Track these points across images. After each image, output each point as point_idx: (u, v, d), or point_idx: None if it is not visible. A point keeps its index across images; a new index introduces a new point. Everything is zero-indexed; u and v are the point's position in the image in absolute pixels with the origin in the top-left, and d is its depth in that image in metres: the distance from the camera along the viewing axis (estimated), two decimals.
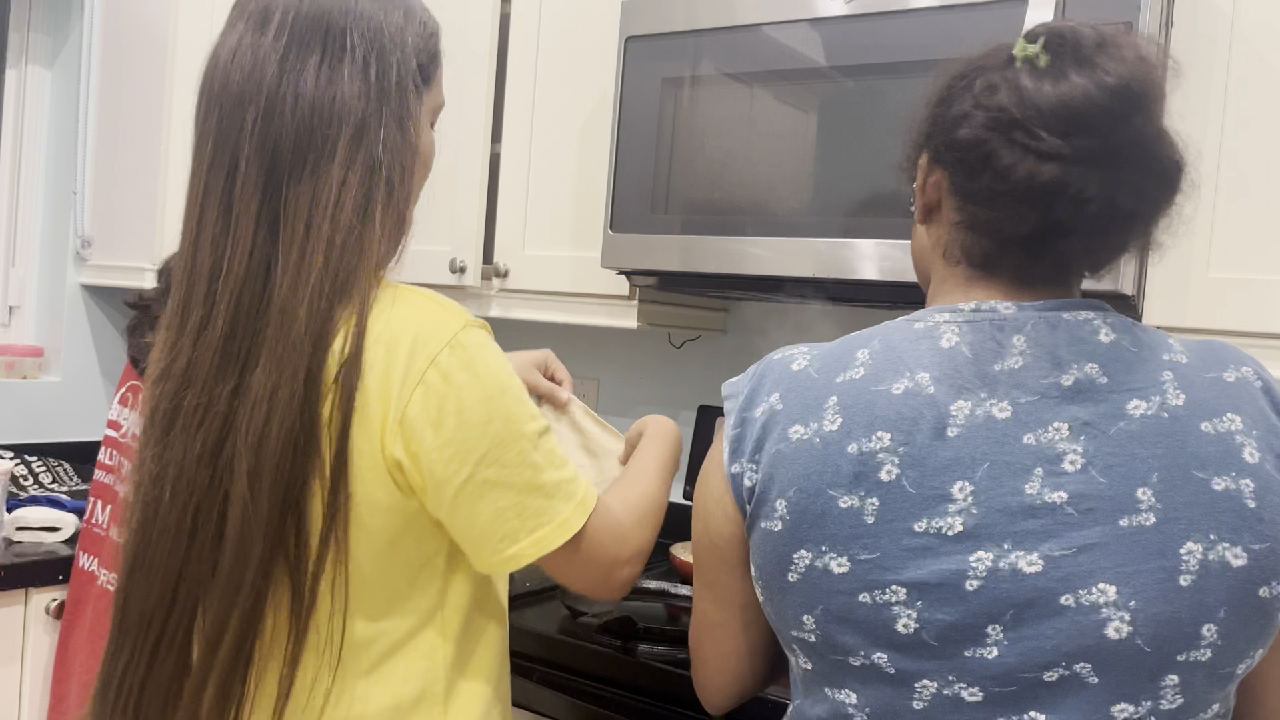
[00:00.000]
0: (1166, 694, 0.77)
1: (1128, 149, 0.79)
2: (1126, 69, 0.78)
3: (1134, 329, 0.83)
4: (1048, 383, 0.80)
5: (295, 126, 0.90)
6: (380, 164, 0.92)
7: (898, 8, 1.46)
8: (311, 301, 0.88)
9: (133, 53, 2.32)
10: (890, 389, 0.83)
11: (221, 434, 0.89)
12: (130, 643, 0.93)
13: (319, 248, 0.89)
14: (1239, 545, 0.76)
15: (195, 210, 0.93)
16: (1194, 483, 0.76)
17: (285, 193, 0.90)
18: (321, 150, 0.90)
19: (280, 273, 0.89)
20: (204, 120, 0.94)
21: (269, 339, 0.88)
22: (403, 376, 0.89)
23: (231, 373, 0.89)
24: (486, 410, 0.91)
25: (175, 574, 0.90)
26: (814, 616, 0.84)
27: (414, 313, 0.93)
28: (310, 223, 0.89)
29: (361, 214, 0.91)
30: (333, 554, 0.90)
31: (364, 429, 0.89)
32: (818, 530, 0.83)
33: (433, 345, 0.91)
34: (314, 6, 0.93)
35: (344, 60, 0.92)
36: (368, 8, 0.94)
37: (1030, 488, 0.78)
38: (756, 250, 1.57)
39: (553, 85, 1.95)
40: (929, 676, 0.80)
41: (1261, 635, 0.79)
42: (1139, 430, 0.78)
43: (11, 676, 1.81)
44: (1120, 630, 0.75)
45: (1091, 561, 0.76)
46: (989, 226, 0.85)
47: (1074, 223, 0.81)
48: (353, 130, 0.91)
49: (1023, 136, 0.79)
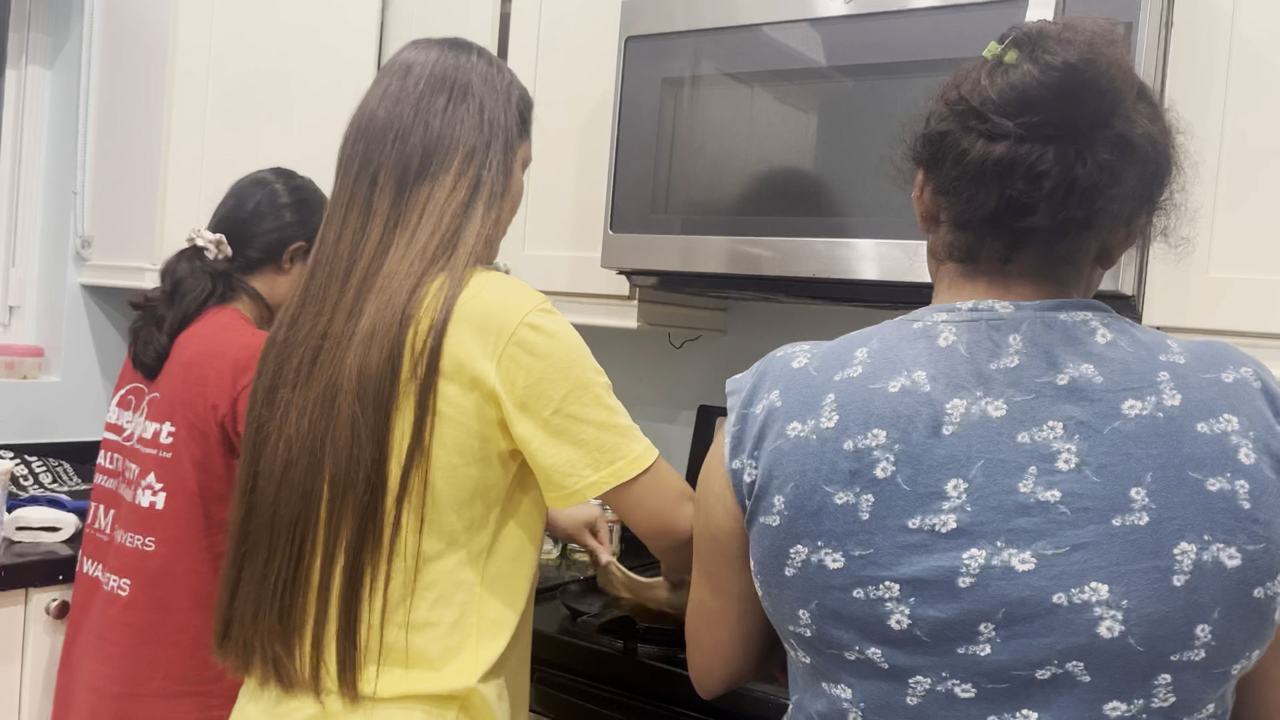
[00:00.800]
0: (1159, 693, 0.77)
1: (1079, 124, 0.81)
2: (1074, 51, 0.81)
3: (1132, 330, 0.84)
4: (1043, 382, 0.80)
5: (423, 147, 1.16)
6: (484, 181, 1.17)
7: (898, 8, 1.46)
8: (410, 269, 1.12)
9: (133, 53, 2.32)
10: (887, 387, 0.83)
11: (335, 372, 1.11)
12: (280, 549, 1.13)
13: (425, 230, 1.13)
14: (1233, 546, 0.76)
15: (339, 213, 1.18)
16: (1188, 483, 0.76)
17: (409, 195, 1.15)
18: (441, 164, 1.16)
19: (394, 251, 1.13)
20: (353, 146, 1.19)
21: (374, 297, 1.11)
22: (498, 331, 1.10)
23: (351, 327, 1.12)
24: (567, 359, 1.12)
25: (311, 488, 1.12)
26: (809, 611, 0.85)
27: (506, 285, 1.14)
28: (423, 214, 1.14)
29: (464, 213, 1.15)
30: (420, 461, 1.10)
31: (456, 368, 1.09)
32: (814, 526, 0.83)
33: (524, 308, 1.12)
34: (443, 63, 1.20)
35: (464, 101, 1.18)
36: (484, 68, 1.21)
37: (1024, 486, 0.78)
38: (756, 250, 1.57)
39: (553, 85, 1.95)
40: (922, 672, 0.81)
41: (1257, 636, 0.78)
42: (1134, 430, 0.78)
43: (11, 676, 1.81)
44: (1112, 629, 0.76)
45: (1084, 560, 0.76)
46: (961, 217, 0.87)
47: (1033, 198, 0.82)
48: (466, 152, 1.17)
49: (976, 122, 0.83)
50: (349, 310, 1.12)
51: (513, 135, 1.22)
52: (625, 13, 1.72)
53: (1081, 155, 0.81)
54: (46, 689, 1.84)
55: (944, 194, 0.88)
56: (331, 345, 1.12)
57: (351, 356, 1.10)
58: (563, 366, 1.12)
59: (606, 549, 1.52)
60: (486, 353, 1.09)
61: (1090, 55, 0.81)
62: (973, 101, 0.84)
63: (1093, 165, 0.81)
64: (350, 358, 1.10)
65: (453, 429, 1.10)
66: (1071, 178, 0.81)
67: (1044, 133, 0.81)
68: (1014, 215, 0.83)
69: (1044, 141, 0.81)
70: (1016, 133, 0.81)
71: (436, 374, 1.09)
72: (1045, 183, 0.81)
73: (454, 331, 1.09)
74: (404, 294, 1.10)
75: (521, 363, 1.10)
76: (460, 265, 1.13)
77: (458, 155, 1.16)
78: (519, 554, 1.18)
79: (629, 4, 1.72)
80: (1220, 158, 1.35)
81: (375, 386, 1.09)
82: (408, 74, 1.19)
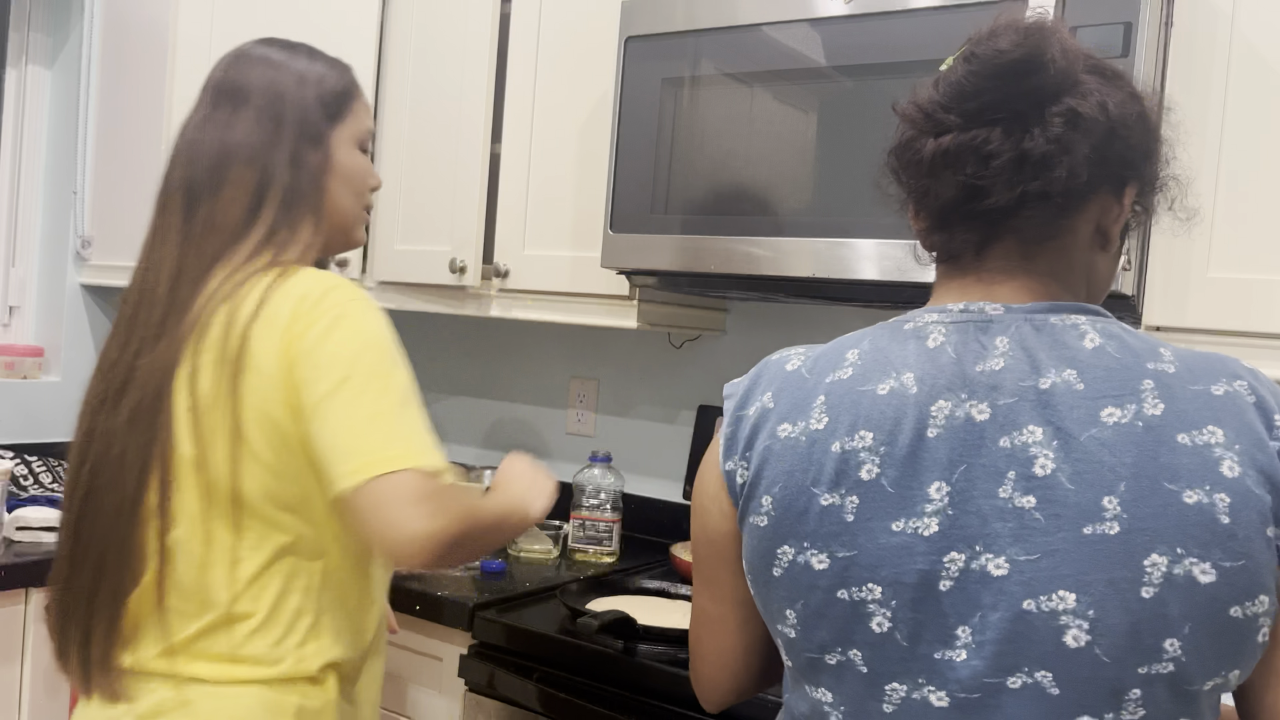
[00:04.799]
0: (1129, 707, 0.76)
1: (1019, 103, 0.83)
2: (1004, 40, 0.84)
3: (1124, 335, 0.83)
4: (1025, 385, 0.80)
5: (208, 162, 1.19)
6: (273, 179, 1.19)
7: (898, 8, 1.46)
8: (189, 282, 1.15)
9: (133, 52, 2.32)
10: (876, 389, 0.83)
11: (140, 396, 1.13)
12: (89, 560, 1.15)
13: (211, 245, 1.17)
14: (1208, 561, 0.74)
15: (149, 243, 1.21)
16: (1163, 494, 0.75)
17: (198, 211, 1.18)
18: (223, 176, 1.18)
19: (185, 273, 1.16)
20: (163, 175, 1.23)
21: (174, 318, 1.14)
22: (290, 317, 1.10)
23: (156, 348, 1.14)
24: (360, 344, 1.10)
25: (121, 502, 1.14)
26: (795, 611, 0.85)
27: (306, 278, 1.14)
28: (207, 229, 1.17)
29: (248, 218, 1.17)
30: (230, 464, 1.12)
31: (252, 360, 1.10)
32: (800, 526, 0.84)
33: (319, 294, 1.12)
34: (226, 77, 1.23)
35: (241, 107, 1.21)
36: (267, 73, 1.23)
37: (1003, 491, 0.78)
38: (756, 250, 1.57)
39: (553, 85, 1.95)
40: (899, 679, 0.81)
41: (1233, 655, 0.77)
42: (1110, 438, 0.77)
43: (12, 676, 1.81)
44: (1079, 639, 0.75)
45: (1053, 568, 0.75)
46: (930, 214, 0.89)
47: (985, 179, 0.83)
48: (246, 157, 1.19)
49: (926, 124, 0.86)
50: (155, 334, 1.14)
51: (312, 122, 1.22)
52: (625, 13, 1.72)
53: (1029, 131, 0.82)
54: (47, 688, 1.84)
55: (915, 200, 0.90)
56: (141, 371, 1.14)
57: (156, 380, 1.12)
58: (352, 352, 1.12)
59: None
60: (278, 338, 1.10)
61: (1018, 39, 0.83)
62: (923, 107, 0.87)
63: (1042, 139, 0.82)
64: (154, 381, 1.12)
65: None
66: (1021, 152, 0.82)
67: (986, 117, 0.83)
68: (972, 199, 0.84)
69: (988, 125, 0.83)
70: (958, 122, 0.84)
71: (240, 377, 1.10)
72: (994, 161, 0.83)
73: (250, 326, 1.11)
74: (196, 310, 1.13)
75: (309, 341, 1.11)
76: (238, 267, 1.14)
77: (236, 163, 1.18)
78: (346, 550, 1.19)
79: (629, 4, 1.72)
80: (1220, 158, 1.35)
81: (139, 396, 1.12)
82: (201, 94, 1.25)
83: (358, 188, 1.28)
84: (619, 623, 1.48)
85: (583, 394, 2.32)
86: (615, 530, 2.03)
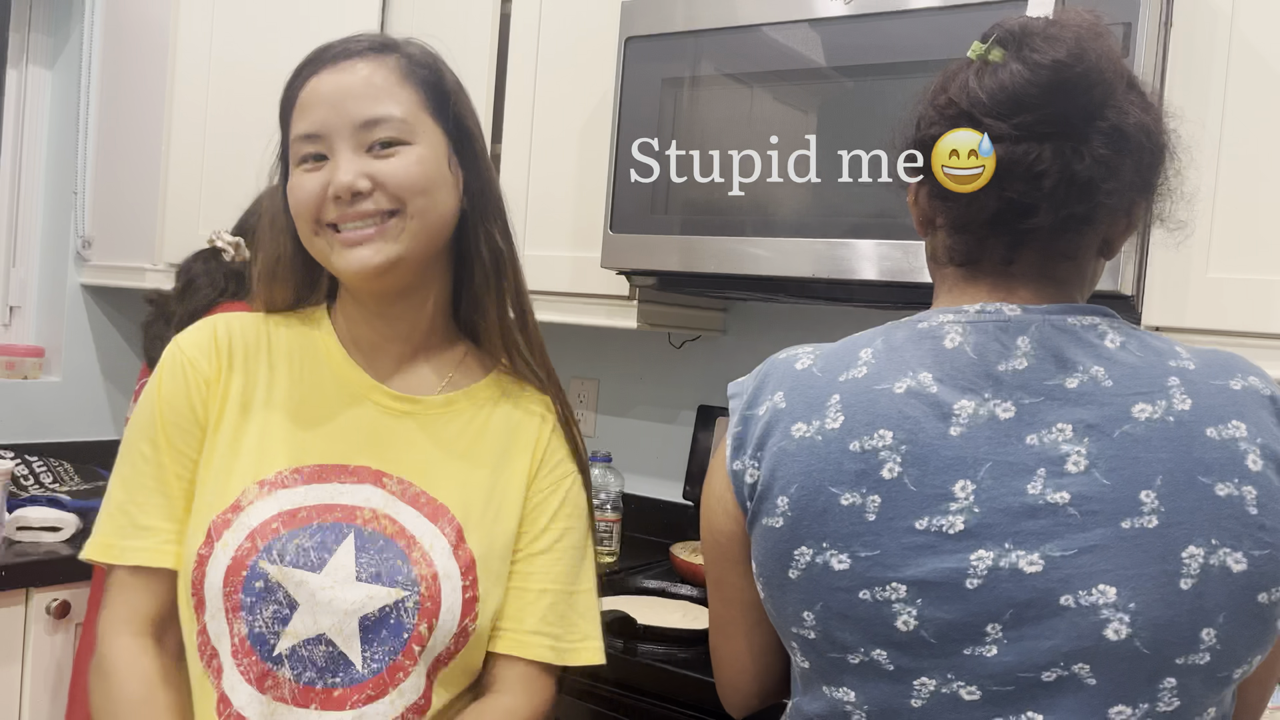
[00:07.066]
0: (1164, 697, 0.77)
1: (1073, 119, 0.81)
2: (1062, 48, 0.81)
3: (1141, 335, 0.84)
4: (1052, 384, 0.80)
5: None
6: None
7: (898, 8, 1.46)
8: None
9: (133, 53, 2.32)
10: (892, 388, 0.83)
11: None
12: None
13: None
14: (1239, 550, 0.76)
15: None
16: (1198, 487, 0.76)
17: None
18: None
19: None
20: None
21: None
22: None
23: None
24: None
25: None
26: (814, 613, 0.84)
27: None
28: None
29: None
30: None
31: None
32: (819, 527, 0.83)
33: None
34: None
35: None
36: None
37: (1032, 488, 0.78)
38: (756, 250, 1.57)
39: (553, 85, 1.95)
40: (927, 674, 0.80)
41: (1260, 641, 0.79)
42: (1144, 434, 0.78)
43: (12, 676, 1.81)
44: (1119, 632, 0.76)
45: (1092, 563, 0.76)
46: (959, 220, 0.87)
47: (1033, 198, 0.81)
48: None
49: (967, 125, 0.83)
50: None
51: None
52: (625, 13, 1.72)
53: (1078, 151, 0.80)
54: (47, 689, 1.84)
55: (940, 199, 0.87)
56: None
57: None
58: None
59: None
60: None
61: (1078, 50, 0.81)
62: (962, 104, 0.83)
63: (1090, 160, 0.80)
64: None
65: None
66: (1070, 174, 0.80)
67: (1039, 131, 0.81)
68: (1015, 217, 0.83)
69: (1039, 140, 0.81)
70: (1011, 134, 0.81)
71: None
72: (1045, 182, 0.81)
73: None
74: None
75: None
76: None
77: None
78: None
79: (629, 4, 1.72)
80: (1220, 158, 1.35)
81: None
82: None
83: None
84: (619, 622, 1.48)
85: (583, 394, 2.32)
86: (615, 530, 2.03)
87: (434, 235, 1.01)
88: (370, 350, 1.06)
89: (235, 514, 0.97)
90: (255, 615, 0.95)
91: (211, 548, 0.96)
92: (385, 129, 0.98)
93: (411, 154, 0.98)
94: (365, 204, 0.96)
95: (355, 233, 0.97)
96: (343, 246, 0.97)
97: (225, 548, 0.96)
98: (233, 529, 0.96)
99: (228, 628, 0.95)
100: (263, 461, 1.00)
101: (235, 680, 0.95)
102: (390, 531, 0.99)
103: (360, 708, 0.95)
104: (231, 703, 0.95)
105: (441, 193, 1.00)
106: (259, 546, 0.95)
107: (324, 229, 0.98)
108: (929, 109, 0.87)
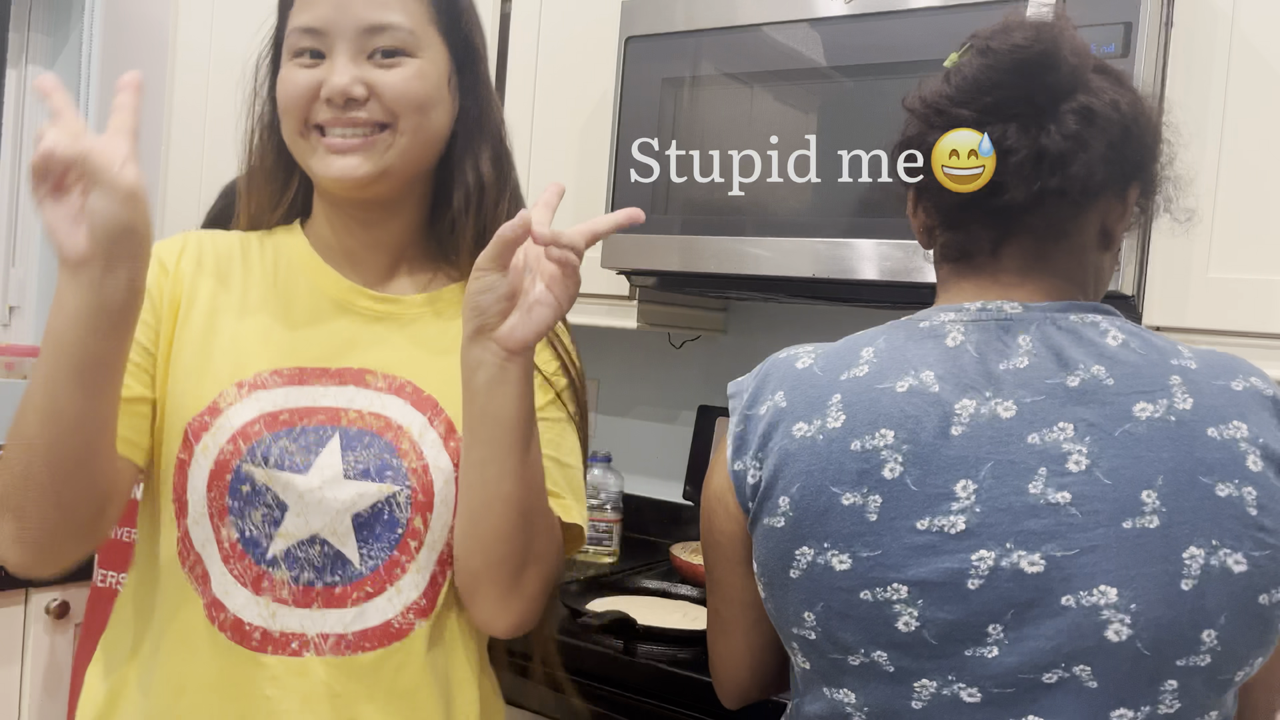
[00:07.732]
0: (1165, 699, 0.77)
1: (1037, 99, 0.83)
2: (1019, 35, 0.84)
3: (1143, 334, 0.84)
4: (1053, 383, 0.80)
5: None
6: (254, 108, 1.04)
7: (898, 8, 1.46)
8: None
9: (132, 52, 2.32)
10: (894, 387, 0.83)
11: None
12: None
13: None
14: (1240, 551, 0.76)
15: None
16: (1199, 487, 0.76)
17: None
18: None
19: None
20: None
21: None
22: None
23: None
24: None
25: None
26: (815, 613, 0.84)
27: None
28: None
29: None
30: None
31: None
32: (820, 527, 0.83)
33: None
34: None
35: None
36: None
37: (1034, 487, 0.78)
38: (756, 250, 1.57)
39: (553, 85, 1.95)
40: (928, 676, 0.80)
41: (1261, 642, 0.78)
42: (1145, 433, 0.77)
43: (12, 677, 1.81)
44: (1120, 633, 0.75)
45: (1093, 563, 0.76)
46: (945, 213, 0.88)
47: (1007, 175, 0.83)
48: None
49: (938, 119, 0.86)
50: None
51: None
52: (625, 13, 1.72)
53: (1045, 128, 0.82)
54: (47, 689, 1.84)
55: (926, 195, 0.89)
56: None
57: None
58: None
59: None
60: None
61: (1034, 34, 0.83)
62: (933, 103, 0.86)
63: (1059, 136, 0.82)
64: None
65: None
66: (1039, 149, 0.82)
67: (1003, 111, 0.83)
68: (989, 195, 0.84)
69: (1004, 120, 0.83)
70: (972, 117, 0.83)
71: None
72: (1011, 157, 0.82)
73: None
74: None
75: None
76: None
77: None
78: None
79: (629, 4, 1.72)
80: (1220, 157, 1.35)
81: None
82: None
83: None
84: (619, 623, 1.47)
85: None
86: (615, 530, 2.03)
87: (422, 154, 0.98)
88: (348, 258, 1.03)
89: (213, 416, 0.93)
90: (244, 519, 0.93)
91: (191, 452, 0.93)
92: (389, 37, 0.94)
93: (413, 67, 0.95)
94: (358, 112, 0.93)
95: (342, 140, 0.94)
96: (327, 152, 0.94)
97: (206, 451, 0.93)
98: (211, 432, 0.93)
99: (213, 533, 0.93)
100: (240, 363, 0.96)
101: (229, 585, 0.93)
102: (376, 427, 0.96)
103: (361, 604, 0.94)
104: (226, 607, 0.93)
105: (437, 112, 0.98)
106: (242, 449, 0.93)
107: (310, 130, 0.95)
108: (907, 115, 0.90)
